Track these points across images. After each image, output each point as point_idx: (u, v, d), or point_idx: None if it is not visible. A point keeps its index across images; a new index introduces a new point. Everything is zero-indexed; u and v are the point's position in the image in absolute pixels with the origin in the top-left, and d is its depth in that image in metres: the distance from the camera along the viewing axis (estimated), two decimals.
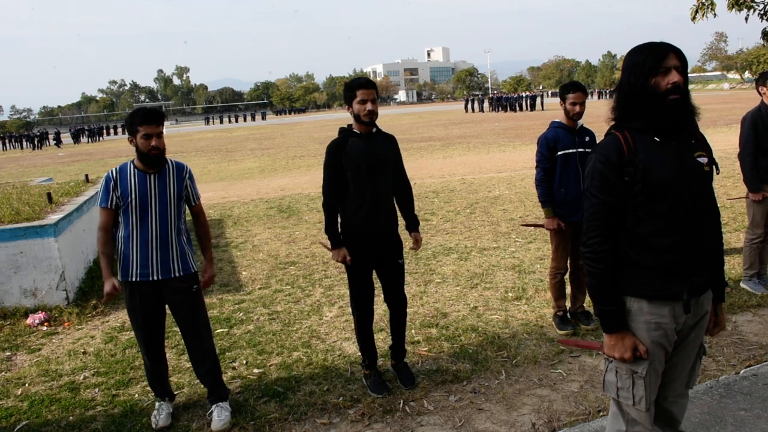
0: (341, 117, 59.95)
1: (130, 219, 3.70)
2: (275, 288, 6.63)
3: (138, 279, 3.74)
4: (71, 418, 4.11)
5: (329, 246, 4.12)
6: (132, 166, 3.76)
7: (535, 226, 5.46)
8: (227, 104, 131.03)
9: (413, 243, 4.36)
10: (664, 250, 2.33)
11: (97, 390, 4.49)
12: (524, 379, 4.22)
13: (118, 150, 37.73)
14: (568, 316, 5.13)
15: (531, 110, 47.19)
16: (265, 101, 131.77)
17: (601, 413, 3.71)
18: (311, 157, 22.30)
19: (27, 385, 4.68)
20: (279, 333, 5.32)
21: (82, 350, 5.28)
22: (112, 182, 3.71)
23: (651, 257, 2.34)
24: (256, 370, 4.61)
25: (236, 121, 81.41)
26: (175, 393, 4.24)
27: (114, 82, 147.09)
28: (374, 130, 4.07)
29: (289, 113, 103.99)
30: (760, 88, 5.43)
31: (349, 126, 4.09)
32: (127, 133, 3.80)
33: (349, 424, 3.81)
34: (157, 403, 4.01)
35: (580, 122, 4.90)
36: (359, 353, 4.41)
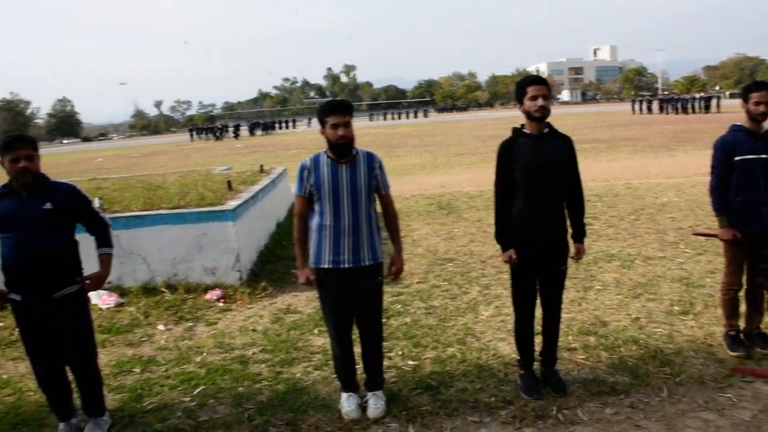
0: (503, 116, 59.24)
1: (324, 207, 3.81)
2: (433, 283, 6.73)
3: (330, 266, 3.86)
4: (240, 388, 4.46)
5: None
6: (325, 156, 3.86)
7: (708, 235, 5.07)
8: (391, 101, 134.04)
9: (575, 252, 4.19)
10: None
11: (263, 366, 4.83)
12: (688, 399, 3.96)
13: (288, 143, 39.97)
14: (742, 337, 4.71)
15: (705, 112, 43.70)
16: (428, 99, 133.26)
17: None
18: (472, 155, 22.27)
19: (205, 354, 5.15)
20: (435, 327, 5.40)
21: (252, 328, 5.70)
22: (306, 171, 3.84)
23: None
24: (411, 362, 4.72)
25: (399, 118, 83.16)
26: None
27: (287, 80, 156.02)
28: (546, 130, 3.96)
29: (451, 111, 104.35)
30: None
31: (522, 125, 4.01)
32: (318, 124, 3.90)
33: (499, 425, 3.80)
34: (344, 395, 4.11)
35: (765, 125, 4.47)
36: (513, 354, 4.37)
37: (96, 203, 3.93)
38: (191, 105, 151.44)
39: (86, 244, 3.97)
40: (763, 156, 4.37)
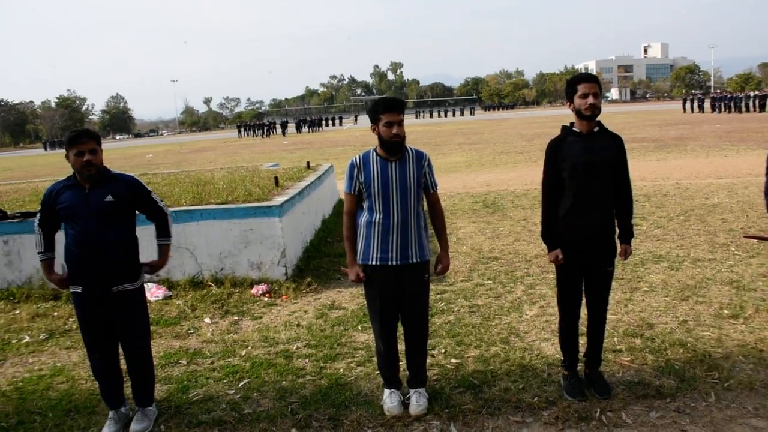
0: (550, 114, 58.50)
1: (373, 204, 3.84)
2: (477, 281, 6.70)
3: (378, 263, 3.88)
4: (284, 382, 4.52)
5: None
6: (374, 153, 3.88)
7: (761, 239, 4.93)
8: (437, 99, 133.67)
9: (622, 253, 4.11)
10: None
11: (307, 360, 4.89)
12: (737, 405, 3.84)
13: (335, 140, 40.27)
14: None
15: (760, 111, 42.28)
16: (474, 97, 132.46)
17: None
18: (518, 154, 22.06)
19: (250, 347, 5.23)
20: (478, 326, 5.38)
21: (297, 323, 5.76)
22: (356, 169, 3.86)
23: None
24: (453, 360, 4.71)
25: (445, 116, 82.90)
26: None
27: (334, 77, 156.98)
28: (597, 128, 3.90)
29: (498, 109, 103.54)
30: None
31: (571, 124, 3.96)
32: (369, 122, 3.93)
33: (542, 425, 3.77)
34: (386, 391, 4.12)
35: None
36: (557, 355, 4.32)
37: None
38: (239, 102, 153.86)
39: (144, 237, 4.10)
40: None
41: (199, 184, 9.38)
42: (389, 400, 4.05)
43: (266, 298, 6.53)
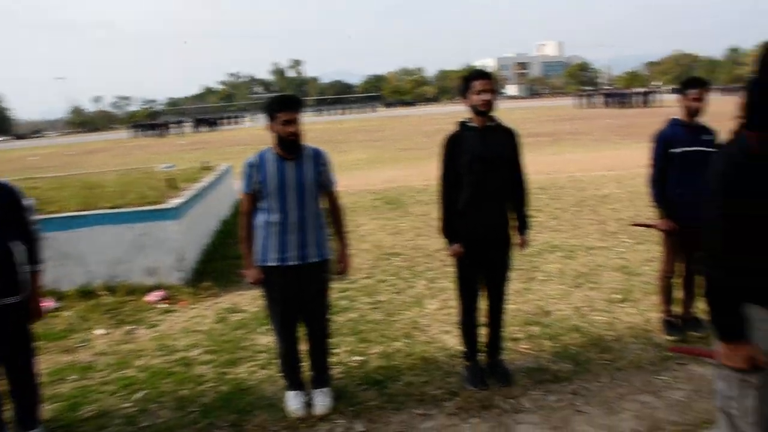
0: (450, 110, 59.69)
1: (270, 204, 3.75)
2: (379, 278, 6.73)
3: (276, 264, 3.80)
4: (184, 391, 4.36)
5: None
6: (271, 152, 3.80)
7: (647, 226, 5.22)
8: (338, 96, 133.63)
9: (519, 244, 4.24)
10: None
11: (207, 367, 4.74)
12: (627, 383, 4.07)
13: (234, 139, 39.39)
14: (677, 322, 4.88)
15: (644, 107, 44.95)
16: (376, 94, 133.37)
17: (707, 425, 3.51)
18: (419, 150, 22.36)
19: (146, 357, 5.01)
20: (381, 322, 5.40)
21: (195, 329, 5.58)
22: (253, 168, 3.77)
23: None
24: (357, 358, 4.70)
25: (346, 114, 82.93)
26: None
27: (233, 75, 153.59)
28: (492, 124, 3.99)
29: (399, 106, 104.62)
30: None
31: (468, 119, 4.03)
32: (266, 120, 3.80)
33: (445, 416, 3.82)
34: (290, 393, 4.06)
35: (700, 120, 4.62)
36: (459, 346, 4.40)
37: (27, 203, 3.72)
38: (132, 101, 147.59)
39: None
40: (700, 149, 4.49)
41: (89, 187, 8.92)
42: (293, 401, 3.99)
43: (163, 305, 6.28)
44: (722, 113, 4.07)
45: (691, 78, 4.65)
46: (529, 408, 3.85)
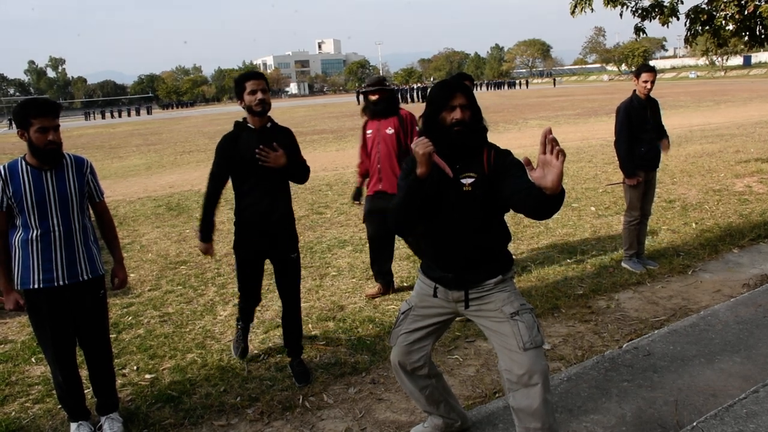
0: (231, 111, 58.58)
1: (28, 221, 3.35)
2: (166, 289, 6.38)
3: (41, 286, 3.40)
4: None
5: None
6: (24, 162, 3.37)
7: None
8: (109, 98, 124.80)
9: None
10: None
11: None
12: None
13: None
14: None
15: (422, 102, 48.04)
16: (151, 95, 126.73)
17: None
18: (201, 152, 21.62)
19: None
20: (171, 335, 5.12)
21: None
22: (2, 182, 3.33)
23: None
24: (147, 376, 4.42)
25: (119, 116, 77.65)
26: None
27: None
28: (269, 124, 4.04)
29: (177, 107, 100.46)
30: (633, 80, 5.85)
31: (244, 120, 4.04)
32: (15, 126, 3.41)
33: (248, 423, 3.73)
34: (73, 425, 3.70)
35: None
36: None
37: None
38: None
39: None
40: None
41: None
42: None
43: None
44: (489, 107, 4.46)
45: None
46: (331, 403, 3.90)
